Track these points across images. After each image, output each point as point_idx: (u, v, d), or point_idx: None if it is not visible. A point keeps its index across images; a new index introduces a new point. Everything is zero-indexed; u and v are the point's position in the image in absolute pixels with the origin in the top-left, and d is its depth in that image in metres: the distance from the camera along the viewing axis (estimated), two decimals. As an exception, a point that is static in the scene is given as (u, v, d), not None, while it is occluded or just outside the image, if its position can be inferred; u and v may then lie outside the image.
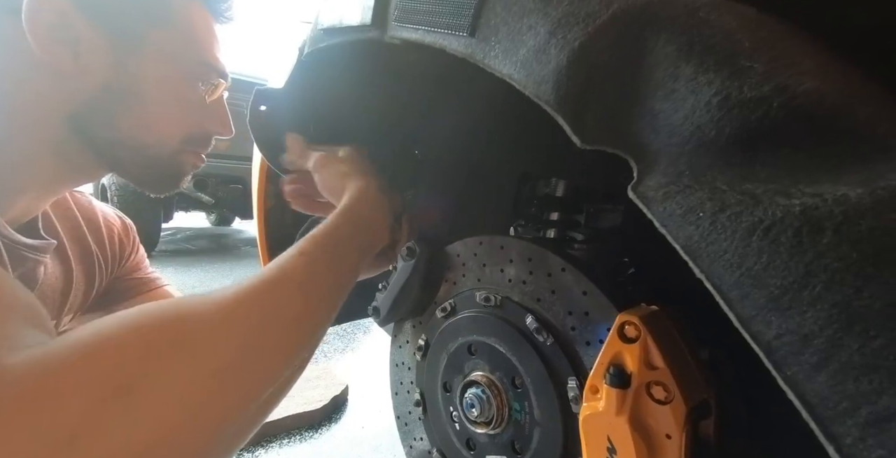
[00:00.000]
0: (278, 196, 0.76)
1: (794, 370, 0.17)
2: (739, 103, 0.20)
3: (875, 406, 0.15)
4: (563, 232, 0.70)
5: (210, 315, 0.23)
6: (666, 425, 0.35)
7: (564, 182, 0.70)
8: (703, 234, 0.20)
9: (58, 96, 0.38)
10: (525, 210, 0.72)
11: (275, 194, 0.75)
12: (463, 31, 0.29)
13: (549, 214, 0.71)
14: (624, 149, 0.24)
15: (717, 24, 0.22)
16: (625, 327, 0.39)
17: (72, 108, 0.38)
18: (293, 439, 1.35)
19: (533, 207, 0.72)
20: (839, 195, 0.17)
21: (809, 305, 0.17)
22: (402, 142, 0.74)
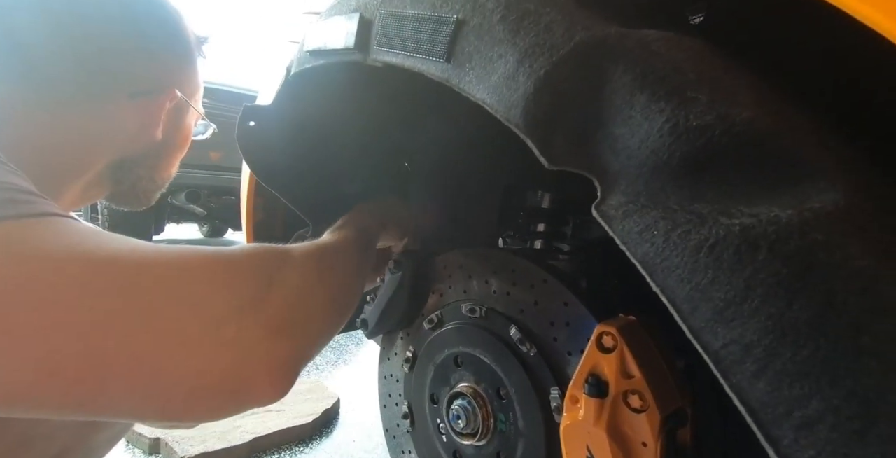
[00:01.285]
0: (267, 209, 0.77)
1: (737, 378, 0.18)
2: (686, 130, 0.22)
3: (806, 410, 0.16)
4: (549, 243, 0.72)
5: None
6: (642, 433, 0.36)
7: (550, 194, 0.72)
8: (657, 250, 0.21)
9: (124, 149, 0.45)
10: (512, 221, 0.74)
11: (264, 208, 0.76)
12: (440, 57, 0.31)
13: (535, 226, 0.73)
14: (588, 170, 0.26)
15: (667, 57, 0.24)
16: (603, 338, 0.40)
17: (127, 154, 0.45)
18: (283, 453, 1.33)
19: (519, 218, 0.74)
20: (772, 216, 0.19)
21: (749, 317, 0.18)
22: (391, 155, 0.76)
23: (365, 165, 0.72)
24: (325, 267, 0.39)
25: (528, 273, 0.52)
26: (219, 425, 1.35)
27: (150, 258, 0.27)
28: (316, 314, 0.34)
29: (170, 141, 0.49)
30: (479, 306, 0.55)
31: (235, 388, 0.27)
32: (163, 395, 0.26)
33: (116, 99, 0.43)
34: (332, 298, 0.38)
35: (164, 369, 0.25)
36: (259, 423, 1.38)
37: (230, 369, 0.27)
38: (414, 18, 0.33)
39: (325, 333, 0.37)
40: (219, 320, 0.27)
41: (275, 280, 0.32)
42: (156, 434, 1.30)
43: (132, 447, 1.34)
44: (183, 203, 3.55)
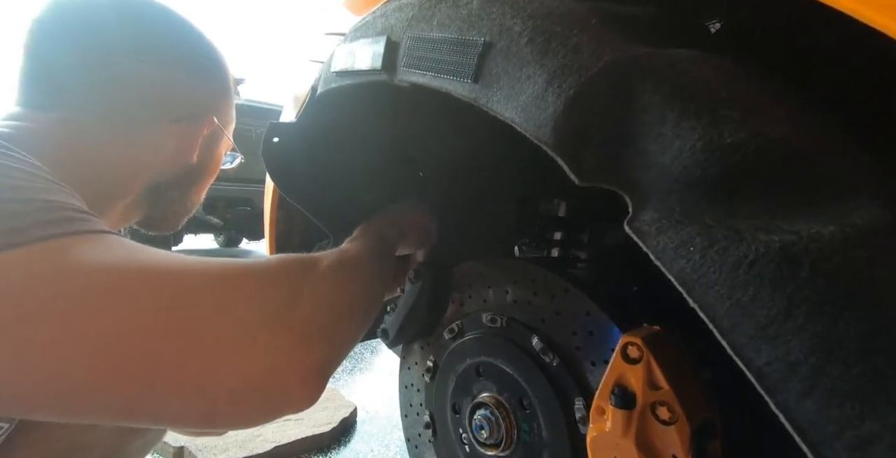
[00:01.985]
0: (288, 220, 0.78)
1: (784, 397, 0.18)
2: (720, 147, 0.22)
3: (859, 430, 0.16)
4: (566, 251, 0.72)
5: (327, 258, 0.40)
6: (672, 445, 0.36)
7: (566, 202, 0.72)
8: (694, 267, 0.22)
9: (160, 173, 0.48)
10: (528, 230, 0.74)
11: (285, 219, 0.77)
12: (467, 79, 0.32)
13: (552, 234, 0.73)
14: (618, 186, 0.26)
15: (696, 74, 0.24)
16: (627, 348, 0.40)
17: (163, 178, 0.48)
18: (302, 463, 1.33)
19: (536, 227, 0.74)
20: (813, 232, 0.19)
21: (794, 334, 0.18)
22: (406, 165, 0.77)
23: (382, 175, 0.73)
24: (348, 274, 0.40)
25: (548, 283, 0.52)
26: (240, 434, 1.36)
27: (192, 269, 0.29)
28: (343, 320, 0.35)
29: (203, 166, 0.52)
30: (500, 315, 0.55)
31: (271, 392, 0.28)
32: (205, 398, 0.27)
33: (160, 123, 0.46)
34: (356, 304, 0.39)
35: (206, 373, 0.27)
36: (279, 432, 1.38)
37: (266, 374, 0.28)
38: (441, 41, 0.34)
39: (351, 338, 0.38)
40: (254, 327, 0.28)
41: (304, 288, 0.33)
42: (180, 443, 1.31)
43: (157, 456, 1.35)
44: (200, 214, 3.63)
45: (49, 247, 0.25)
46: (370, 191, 0.74)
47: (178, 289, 0.27)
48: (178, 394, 0.26)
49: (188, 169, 0.49)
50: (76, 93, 0.42)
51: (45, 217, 0.26)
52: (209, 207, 3.68)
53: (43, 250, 0.25)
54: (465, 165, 0.74)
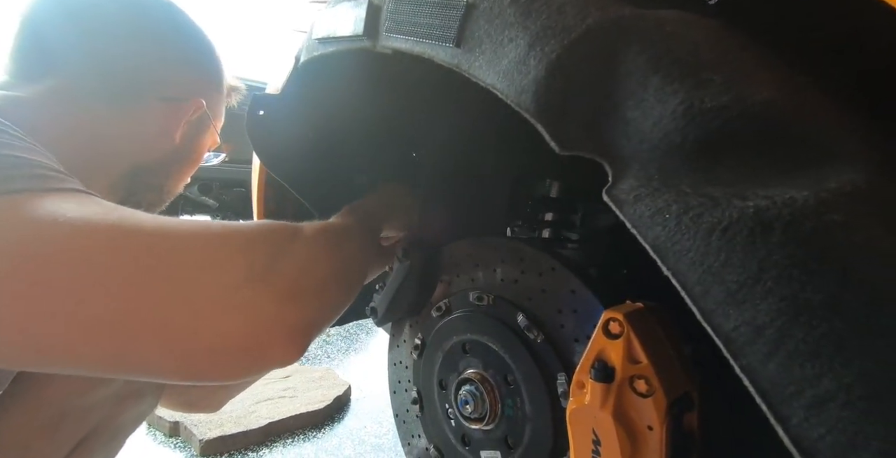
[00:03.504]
0: (278, 200, 0.77)
1: (748, 359, 0.18)
2: (701, 112, 0.21)
3: (817, 389, 0.16)
4: (557, 232, 0.72)
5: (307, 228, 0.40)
6: (648, 417, 0.37)
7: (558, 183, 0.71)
8: (668, 234, 0.21)
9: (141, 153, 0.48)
10: (521, 211, 0.74)
11: (274, 199, 0.76)
12: (449, 43, 0.31)
13: (543, 215, 0.72)
14: (599, 154, 0.26)
15: (683, 37, 0.23)
16: (609, 324, 0.40)
17: (144, 161, 0.48)
18: (297, 438, 1.36)
19: (528, 208, 0.74)
20: (787, 198, 0.18)
21: (762, 298, 0.18)
22: (399, 145, 0.76)
23: (373, 155, 0.72)
24: (331, 244, 0.41)
25: (536, 261, 0.52)
26: (235, 410, 1.39)
27: (171, 227, 0.29)
28: (324, 286, 0.36)
29: (184, 153, 0.52)
30: (487, 294, 0.56)
31: (251, 348, 0.29)
32: (186, 352, 0.27)
33: (148, 100, 0.46)
34: (338, 273, 0.39)
35: (187, 328, 0.27)
36: (273, 409, 1.41)
37: (246, 331, 0.28)
38: (423, 3, 0.33)
39: (333, 305, 0.38)
40: (235, 285, 0.29)
41: (285, 251, 0.33)
42: (175, 418, 1.34)
43: (153, 430, 1.38)
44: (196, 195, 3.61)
45: (18, 201, 0.25)
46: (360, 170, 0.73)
47: (156, 245, 0.27)
48: (158, 348, 0.26)
49: (169, 153, 0.49)
50: (69, 63, 0.42)
51: (18, 172, 0.26)
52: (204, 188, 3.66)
53: (10, 202, 0.24)
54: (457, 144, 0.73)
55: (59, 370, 0.27)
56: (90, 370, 0.27)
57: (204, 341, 0.27)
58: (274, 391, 1.51)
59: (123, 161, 0.46)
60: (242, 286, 0.29)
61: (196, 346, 0.27)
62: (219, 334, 0.27)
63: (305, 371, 1.68)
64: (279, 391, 1.52)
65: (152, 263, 0.26)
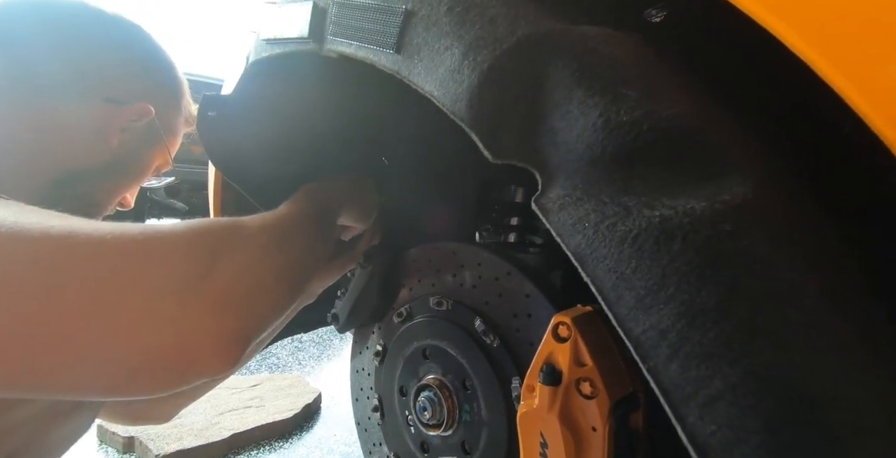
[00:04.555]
0: (237, 203, 0.75)
1: (654, 362, 0.19)
2: (617, 125, 0.22)
3: (710, 389, 0.17)
4: (522, 236, 0.73)
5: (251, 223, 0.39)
6: (592, 418, 0.37)
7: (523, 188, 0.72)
8: (588, 242, 0.22)
9: (73, 156, 0.45)
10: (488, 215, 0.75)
11: (233, 202, 0.74)
12: (390, 48, 0.31)
13: (509, 219, 0.73)
14: (530, 163, 0.26)
15: (604, 53, 0.24)
16: (558, 328, 0.41)
17: (75, 166, 0.46)
18: (263, 449, 1.32)
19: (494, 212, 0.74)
20: (688, 208, 0.20)
21: (665, 303, 0.19)
22: (368, 150, 0.75)
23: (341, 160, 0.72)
24: (276, 241, 0.38)
25: (492, 266, 0.53)
26: (196, 422, 1.34)
27: (84, 235, 0.27)
28: (267, 288, 0.34)
29: (123, 163, 0.49)
30: (446, 299, 0.56)
31: (178, 364, 0.27)
32: (103, 372, 0.26)
33: (91, 99, 0.45)
34: (282, 272, 0.37)
35: (100, 346, 0.25)
36: (238, 419, 1.37)
37: (171, 346, 0.27)
38: (365, 8, 0.33)
39: (276, 307, 0.36)
40: (156, 298, 0.27)
41: (220, 255, 0.31)
42: (130, 433, 1.28)
43: (105, 447, 1.31)
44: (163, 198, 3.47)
45: None
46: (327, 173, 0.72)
47: (63, 255, 0.25)
48: (69, 370, 0.25)
49: (105, 162, 0.47)
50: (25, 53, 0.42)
51: None
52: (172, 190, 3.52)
53: None
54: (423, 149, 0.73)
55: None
56: None
57: (125, 359, 0.26)
58: (240, 401, 1.47)
59: (53, 164, 0.44)
60: (167, 297, 0.27)
61: (115, 364, 0.26)
62: (140, 351, 0.26)
63: (274, 379, 1.64)
64: (245, 400, 1.47)
65: (56, 274, 0.25)
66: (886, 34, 0.17)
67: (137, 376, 0.26)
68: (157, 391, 0.28)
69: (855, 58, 0.17)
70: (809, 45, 0.18)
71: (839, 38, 0.18)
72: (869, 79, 0.17)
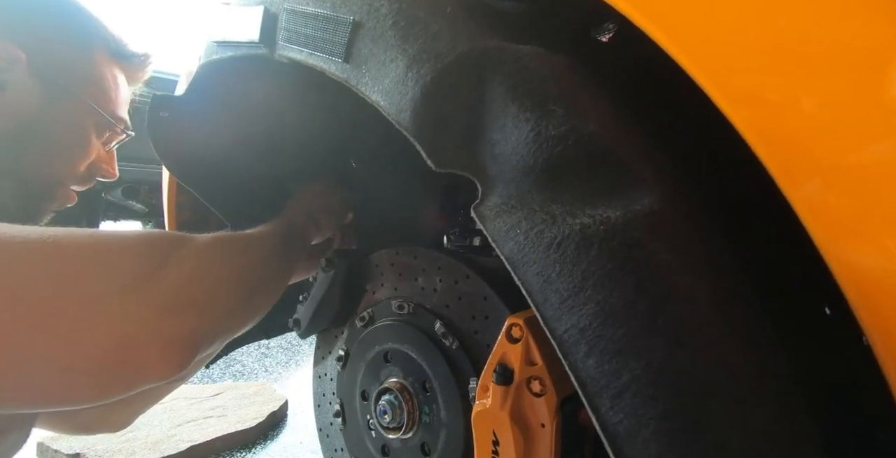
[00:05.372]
0: (193, 207, 0.73)
1: (574, 358, 0.21)
2: (546, 139, 0.24)
3: (619, 381, 0.19)
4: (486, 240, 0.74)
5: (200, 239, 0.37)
6: (541, 415, 0.39)
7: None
8: (519, 247, 0.24)
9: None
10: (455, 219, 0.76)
11: (190, 206, 0.72)
12: (339, 57, 0.32)
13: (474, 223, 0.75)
14: (471, 172, 0.28)
15: (535, 71, 0.26)
16: (512, 329, 0.42)
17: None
18: (224, 462, 1.27)
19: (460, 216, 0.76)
20: (604, 217, 0.21)
21: (584, 304, 0.21)
22: (336, 153, 0.75)
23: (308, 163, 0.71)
24: (230, 252, 0.38)
25: (452, 270, 0.54)
26: (151, 435, 1.27)
27: (27, 237, 0.26)
28: (219, 294, 0.34)
29: (32, 128, 0.42)
30: (408, 302, 0.57)
31: (120, 366, 0.27)
32: (37, 377, 0.25)
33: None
34: (235, 283, 0.37)
35: (36, 348, 0.24)
36: (197, 430, 1.31)
37: (113, 348, 0.26)
38: (315, 16, 0.34)
39: (231, 314, 0.36)
40: (98, 299, 0.26)
41: (169, 260, 0.31)
42: (75, 450, 1.20)
43: (50, 466, 1.23)
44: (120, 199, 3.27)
45: None
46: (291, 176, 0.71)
47: (3, 257, 0.25)
48: (4, 373, 0.24)
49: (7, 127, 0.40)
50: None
51: None
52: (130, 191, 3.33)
53: None
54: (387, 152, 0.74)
55: None
56: None
57: (60, 361, 0.25)
58: (199, 412, 1.41)
59: None
60: (109, 298, 0.27)
61: (51, 367, 0.25)
62: (79, 349, 0.25)
63: (238, 387, 1.58)
64: (206, 410, 1.42)
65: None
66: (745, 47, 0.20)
67: (78, 379, 0.26)
68: (100, 396, 0.27)
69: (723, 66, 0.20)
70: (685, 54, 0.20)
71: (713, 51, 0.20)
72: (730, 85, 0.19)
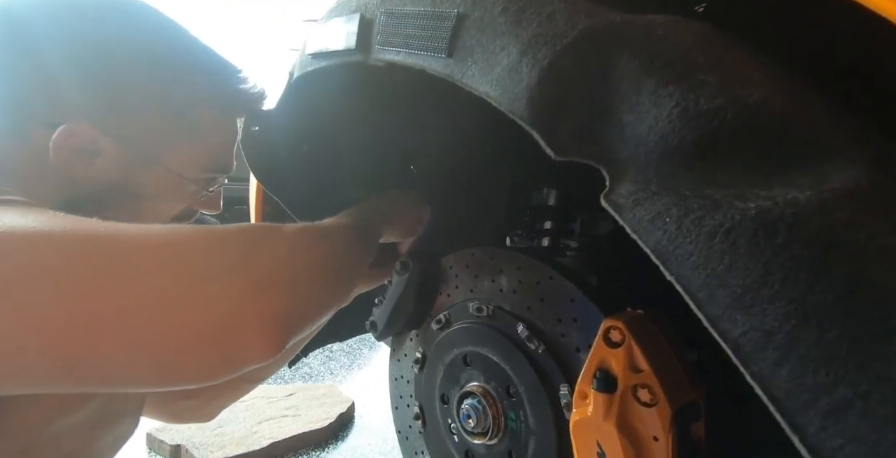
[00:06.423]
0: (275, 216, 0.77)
1: (759, 366, 0.18)
2: (697, 114, 0.21)
3: (833, 397, 0.16)
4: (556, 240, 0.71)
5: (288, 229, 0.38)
6: (653, 427, 0.36)
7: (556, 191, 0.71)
8: (670, 238, 0.21)
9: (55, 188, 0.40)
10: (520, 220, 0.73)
11: (272, 215, 0.75)
12: (441, 53, 0.31)
13: (541, 223, 0.72)
14: (596, 159, 0.25)
15: (673, 40, 0.23)
16: (610, 332, 0.39)
17: (68, 196, 0.41)
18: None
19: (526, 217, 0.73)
20: (790, 198, 0.18)
21: (769, 302, 0.18)
22: (396, 158, 0.75)
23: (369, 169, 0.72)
24: (312, 239, 0.39)
25: (533, 270, 0.52)
26: (237, 431, 1.36)
27: (128, 230, 0.29)
28: (301, 278, 0.34)
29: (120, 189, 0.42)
30: (487, 304, 0.55)
31: (223, 343, 0.28)
32: (153, 352, 0.26)
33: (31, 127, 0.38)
34: (322, 269, 0.38)
35: (152, 326, 0.26)
36: (276, 428, 1.38)
37: (216, 324, 0.27)
38: (414, 15, 0.33)
39: (315, 301, 0.36)
40: (203, 279, 0.28)
41: (260, 245, 0.33)
42: (176, 441, 1.31)
43: (154, 454, 1.34)
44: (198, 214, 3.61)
45: None
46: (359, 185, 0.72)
47: (110, 246, 0.27)
48: (122, 351, 0.26)
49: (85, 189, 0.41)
50: None
51: None
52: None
53: None
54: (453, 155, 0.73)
55: (21, 388, 0.26)
56: (55, 383, 0.26)
57: (170, 339, 0.26)
58: (276, 411, 1.48)
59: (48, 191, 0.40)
60: (212, 279, 0.28)
61: (165, 343, 0.26)
62: (186, 329, 0.27)
63: (308, 389, 1.65)
64: (282, 409, 1.49)
65: (106, 262, 0.26)
66: None
67: (186, 355, 0.27)
68: (208, 375, 0.28)
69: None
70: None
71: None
72: None
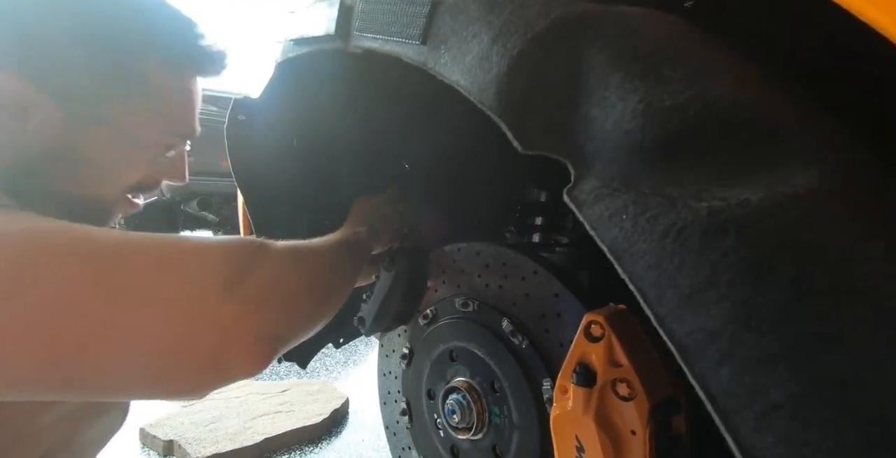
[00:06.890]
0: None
1: (700, 366, 0.18)
2: (660, 111, 0.21)
3: (767, 398, 0.16)
4: (547, 236, 0.71)
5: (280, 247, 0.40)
6: (630, 421, 0.36)
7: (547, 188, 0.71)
8: (625, 236, 0.21)
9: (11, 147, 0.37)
10: (512, 216, 0.73)
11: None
12: (416, 40, 0.31)
13: (532, 220, 0.72)
14: (562, 154, 0.25)
15: (645, 33, 0.23)
16: (591, 327, 0.39)
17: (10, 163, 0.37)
18: (293, 453, 1.35)
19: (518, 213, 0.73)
20: (742, 199, 0.18)
21: (715, 303, 0.18)
22: (389, 156, 0.75)
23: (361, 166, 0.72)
24: (302, 259, 0.41)
25: (518, 266, 0.52)
26: (231, 426, 1.38)
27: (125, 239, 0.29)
28: (293, 298, 0.36)
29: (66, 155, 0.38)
30: (472, 299, 0.55)
31: (214, 358, 0.29)
32: (145, 367, 0.27)
33: None
34: (311, 287, 0.39)
35: (144, 343, 0.27)
36: (269, 424, 1.40)
37: (210, 340, 0.29)
38: (392, 2, 0.33)
39: (305, 317, 0.38)
40: (201, 295, 0.29)
41: (253, 264, 0.34)
42: (169, 437, 1.33)
43: (147, 449, 1.37)
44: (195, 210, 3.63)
45: None
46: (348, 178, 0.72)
47: (107, 256, 0.27)
48: (117, 361, 0.26)
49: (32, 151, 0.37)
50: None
51: None
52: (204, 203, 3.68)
53: None
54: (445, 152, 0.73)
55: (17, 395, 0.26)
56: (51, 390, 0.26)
57: (163, 354, 0.27)
58: (270, 406, 1.50)
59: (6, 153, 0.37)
60: (209, 297, 0.29)
61: (155, 360, 0.27)
62: (178, 346, 0.28)
63: (303, 385, 1.67)
64: (276, 405, 1.51)
65: (96, 273, 0.26)
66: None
67: (177, 372, 0.28)
68: (195, 387, 0.29)
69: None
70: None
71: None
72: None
